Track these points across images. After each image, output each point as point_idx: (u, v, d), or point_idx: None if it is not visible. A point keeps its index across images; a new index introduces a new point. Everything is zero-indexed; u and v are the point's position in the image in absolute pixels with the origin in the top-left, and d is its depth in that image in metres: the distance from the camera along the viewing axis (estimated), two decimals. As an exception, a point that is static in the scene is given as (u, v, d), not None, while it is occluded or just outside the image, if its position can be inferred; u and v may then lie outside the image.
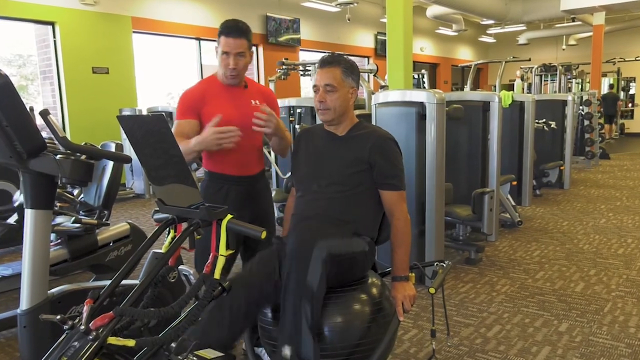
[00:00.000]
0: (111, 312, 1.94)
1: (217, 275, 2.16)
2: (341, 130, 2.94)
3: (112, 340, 1.93)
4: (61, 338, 2.04)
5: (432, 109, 4.83)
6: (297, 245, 2.51)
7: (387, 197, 2.87)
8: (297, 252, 2.48)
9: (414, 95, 5.07)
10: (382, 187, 2.86)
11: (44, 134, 3.30)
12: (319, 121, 3.04)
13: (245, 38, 3.21)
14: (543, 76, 15.30)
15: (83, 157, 3.01)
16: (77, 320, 2.03)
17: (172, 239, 2.28)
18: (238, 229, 2.19)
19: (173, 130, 3.18)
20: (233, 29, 3.18)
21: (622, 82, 22.56)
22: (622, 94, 22.36)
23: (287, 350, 2.41)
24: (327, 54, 2.96)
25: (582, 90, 17.05)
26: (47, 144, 2.92)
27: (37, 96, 11.68)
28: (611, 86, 19.70)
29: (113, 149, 4.89)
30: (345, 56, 2.98)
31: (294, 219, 2.97)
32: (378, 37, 19.52)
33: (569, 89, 15.73)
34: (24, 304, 2.99)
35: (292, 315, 2.42)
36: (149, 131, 2.16)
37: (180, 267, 3.16)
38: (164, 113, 2.32)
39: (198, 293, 2.19)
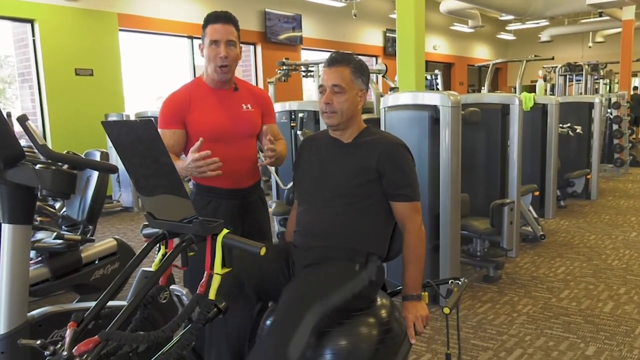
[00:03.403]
0: (96, 336, 1.94)
1: (212, 295, 2.15)
2: (347, 136, 2.93)
3: (97, 366, 1.93)
4: (42, 365, 2.04)
5: (446, 113, 4.84)
6: (287, 308, 2.47)
7: (399, 209, 2.86)
8: (285, 317, 2.44)
9: (426, 97, 5.08)
10: (393, 198, 2.85)
11: (23, 142, 3.31)
12: (322, 127, 3.04)
13: (234, 26, 3.23)
14: (568, 76, 15.26)
15: (65, 166, 3.02)
16: (59, 346, 2.03)
17: (163, 256, 2.28)
18: (235, 245, 2.18)
19: None
20: (220, 15, 3.21)
21: (654, 82, 22.53)
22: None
23: None
24: (336, 52, 2.96)
25: (610, 91, 17.02)
26: (26, 153, 2.92)
27: (15, 100, 11.72)
28: (635, 88, 19.67)
29: (98, 158, 4.89)
30: (355, 55, 2.98)
31: (297, 235, 2.97)
32: (387, 34, 19.60)
33: (596, 91, 15.71)
34: (1, 328, 2.98)
35: None
36: (137, 138, 2.16)
37: (172, 286, 3.15)
38: (153, 118, 2.31)
39: (191, 315, 2.19)
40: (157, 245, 2.33)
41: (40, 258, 4.33)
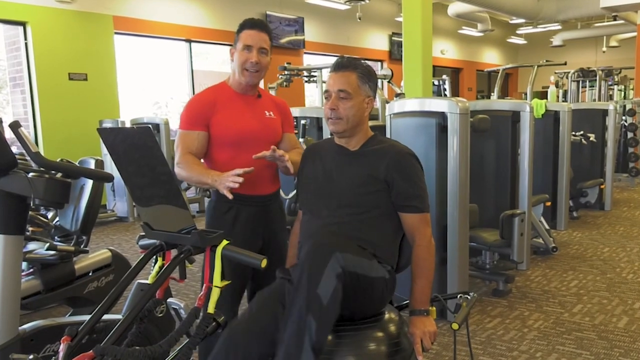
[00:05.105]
0: (91, 351, 1.94)
1: (210, 309, 2.16)
2: (353, 144, 2.94)
3: (91, 383, 1.93)
4: (34, 381, 2.04)
5: (454, 120, 4.84)
6: (312, 251, 2.47)
7: (408, 221, 2.86)
8: (311, 259, 2.44)
9: (433, 104, 5.09)
10: (401, 209, 2.85)
11: (15, 149, 3.31)
12: (326, 134, 3.04)
13: (268, 35, 3.36)
14: (581, 82, 15.29)
15: (58, 175, 3.02)
16: (52, 361, 2.03)
17: (160, 268, 2.28)
18: (235, 257, 2.19)
19: (177, 141, 3.27)
20: (256, 23, 3.33)
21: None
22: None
23: None
24: (342, 57, 2.97)
25: (625, 98, 17.03)
26: (18, 161, 2.93)
27: (6, 106, 11.73)
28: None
29: (92, 166, 4.90)
30: (362, 61, 2.99)
31: (301, 246, 2.97)
32: (393, 38, 19.61)
33: (610, 97, 15.73)
34: (-8, 342, 2.99)
35: (296, 330, 2.36)
36: (134, 145, 2.17)
37: (169, 300, 3.16)
38: (150, 125, 2.31)
39: (189, 329, 2.19)
40: (154, 256, 2.33)
41: (32, 270, 4.32)
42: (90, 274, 4.62)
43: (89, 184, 4.66)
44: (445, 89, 14.86)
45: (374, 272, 2.67)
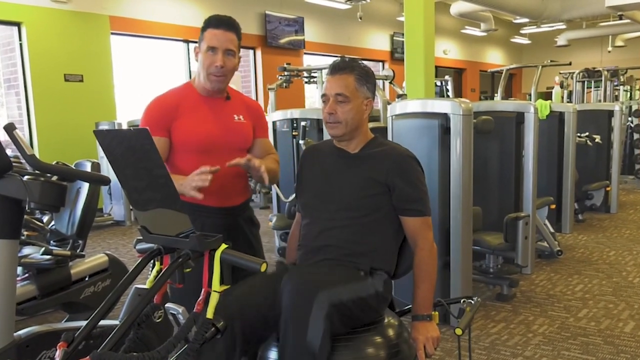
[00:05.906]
0: (87, 357, 1.94)
1: (209, 314, 2.16)
2: (353, 147, 2.94)
3: (88, 390, 1.93)
4: (30, 387, 2.04)
5: (457, 121, 4.84)
6: (294, 300, 2.46)
7: (410, 225, 2.86)
8: (294, 309, 2.43)
9: (436, 105, 5.09)
10: (403, 212, 2.85)
11: (9, 152, 3.31)
12: (326, 136, 3.03)
13: (236, 34, 3.15)
14: (586, 83, 15.28)
15: (54, 178, 3.02)
16: (48, 367, 2.03)
17: (158, 272, 2.28)
18: (234, 261, 2.18)
19: None
20: (222, 20, 3.13)
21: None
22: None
23: None
24: (339, 59, 2.95)
25: (631, 98, 16.99)
26: (13, 164, 2.92)
27: (0, 108, 11.72)
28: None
29: (89, 169, 4.90)
30: (359, 61, 2.97)
31: (301, 249, 2.97)
32: (395, 38, 19.62)
33: (616, 98, 15.70)
34: (-13, 348, 2.99)
35: None
36: (131, 148, 2.17)
37: (167, 305, 3.15)
38: (147, 127, 2.30)
39: (188, 335, 2.19)
40: (152, 261, 2.33)
41: (27, 275, 4.32)
42: (87, 278, 4.62)
43: (85, 187, 4.66)
44: (448, 90, 14.87)
45: (365, 291, 2.67)
